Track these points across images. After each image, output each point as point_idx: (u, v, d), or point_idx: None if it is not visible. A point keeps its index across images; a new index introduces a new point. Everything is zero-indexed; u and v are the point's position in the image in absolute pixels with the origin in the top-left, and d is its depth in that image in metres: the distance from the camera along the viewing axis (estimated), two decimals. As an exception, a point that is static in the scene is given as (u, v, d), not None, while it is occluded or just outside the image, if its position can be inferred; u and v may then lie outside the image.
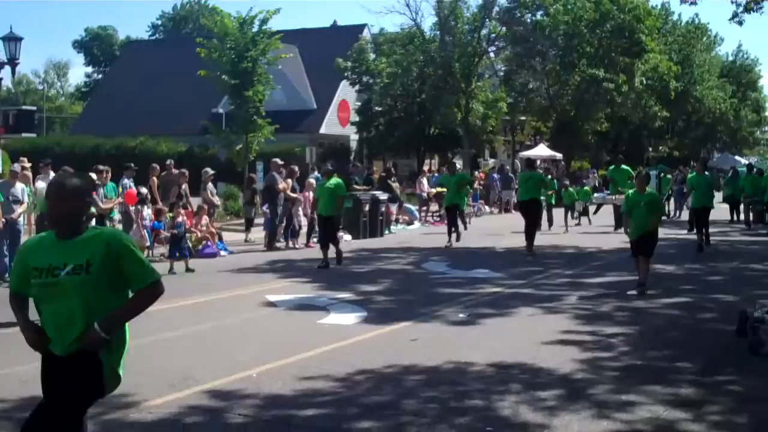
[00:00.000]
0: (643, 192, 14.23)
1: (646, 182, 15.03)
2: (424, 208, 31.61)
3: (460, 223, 22.92)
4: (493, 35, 45.27)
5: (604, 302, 13.04)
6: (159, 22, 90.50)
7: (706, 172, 23.07)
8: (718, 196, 28.15)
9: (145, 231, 17.76)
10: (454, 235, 21.54)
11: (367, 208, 24.23)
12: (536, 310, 12.24)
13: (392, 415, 7.24)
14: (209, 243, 19.74)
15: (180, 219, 17.79)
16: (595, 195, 31.21)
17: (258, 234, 22.81)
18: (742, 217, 29.35)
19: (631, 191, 14.75)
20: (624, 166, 26.62)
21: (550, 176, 25.00)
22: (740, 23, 25.00)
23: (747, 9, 24.61)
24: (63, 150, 43.93)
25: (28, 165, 18.45)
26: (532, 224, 19.56)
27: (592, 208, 30.26)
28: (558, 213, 27.26)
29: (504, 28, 45.69)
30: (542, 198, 21.49)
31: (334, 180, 18.07)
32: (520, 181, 21.37)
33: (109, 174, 18.30)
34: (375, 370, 8.67)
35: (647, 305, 12.78)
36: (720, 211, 27.58)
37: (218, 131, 31.18)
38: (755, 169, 31.38)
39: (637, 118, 53.47)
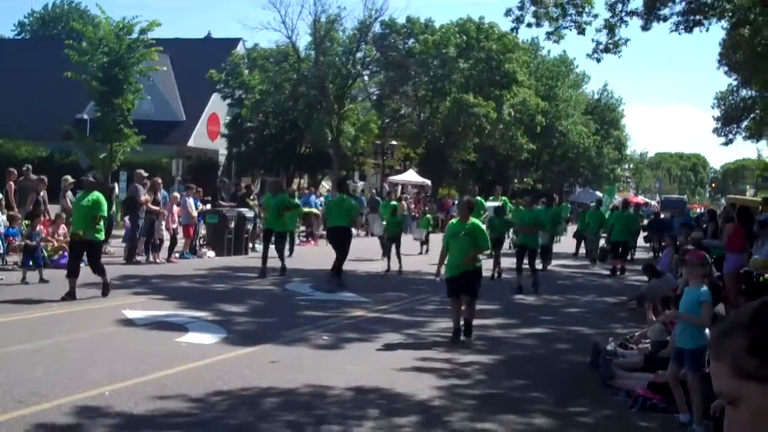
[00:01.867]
0: (466, 221, 12.31)
1: (469, 210, 12.76)
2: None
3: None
4: (368, 59, 45.64)
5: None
6: (27, 21, 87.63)
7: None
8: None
9: (-2, 237, 17.05)
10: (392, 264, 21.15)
11: (232, 225, 23.91)
12: (397, 335, 12.28)
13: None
14: (65, 253, 19.07)
15: (38, 228, 17.18)
16: None
17: (118, 246, 22.23)
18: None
19: (453, 220, 13.19)
20: (478, 198, 25.84)
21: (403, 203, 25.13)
22: (598, 60, 25.87)
23: (606, 49, 25.53)
24: None
25: None
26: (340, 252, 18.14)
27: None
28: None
29: (378, 53, 46.15)
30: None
31: (93, 195, 14.73)
32: (330, 206, 20.01)
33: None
34: (232, 392, 8.52)
35: (505, 334, 13.02)
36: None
37: (82, 137, 30.33)
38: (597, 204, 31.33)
39: (504, 148, 54.74)
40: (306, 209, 32.35)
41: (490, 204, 27.24)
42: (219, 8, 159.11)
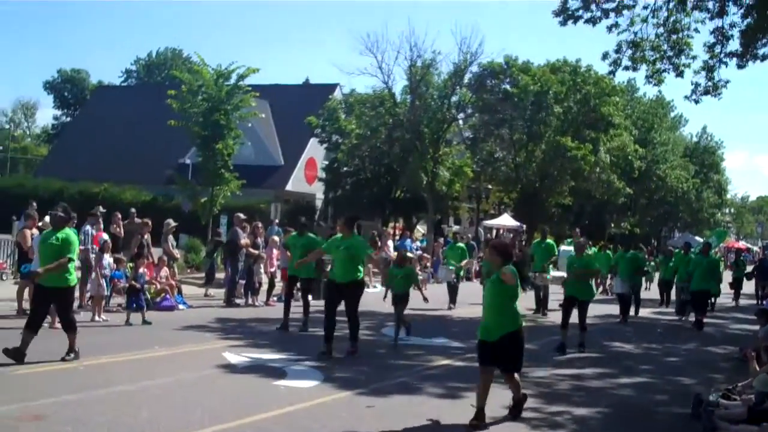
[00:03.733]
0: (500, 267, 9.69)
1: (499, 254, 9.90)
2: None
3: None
4: (463, 102, 45.78)
5: (561, 379, 13.05)
6: (133, 68, 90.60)
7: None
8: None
9: (103, 280, 17.58)
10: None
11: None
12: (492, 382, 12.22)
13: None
14: (168, 296, 19.61)
15: (141, 270, 17.69)
16: None
17: (218, 289, 22.68)
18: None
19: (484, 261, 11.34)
20: (549, 241, 24.15)
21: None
22: (696, 102, 25.44)
23: (706, 92, 25.14)
24: (25, 191, 43.62)
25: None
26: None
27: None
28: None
29: (473, 96, 46.24)
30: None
31: (63, 233, 12.53)
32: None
33: (74, 220, 18.14)
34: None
35: (603, 384, 12.83)
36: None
37: (184, 182, 31.06)
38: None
39: (601, 193, 54.10)
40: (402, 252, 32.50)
41: (566, 248, 26.25)
42: (317, 54, 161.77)
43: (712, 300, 26.29)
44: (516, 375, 9.88)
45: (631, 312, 23.10)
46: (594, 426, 10.00)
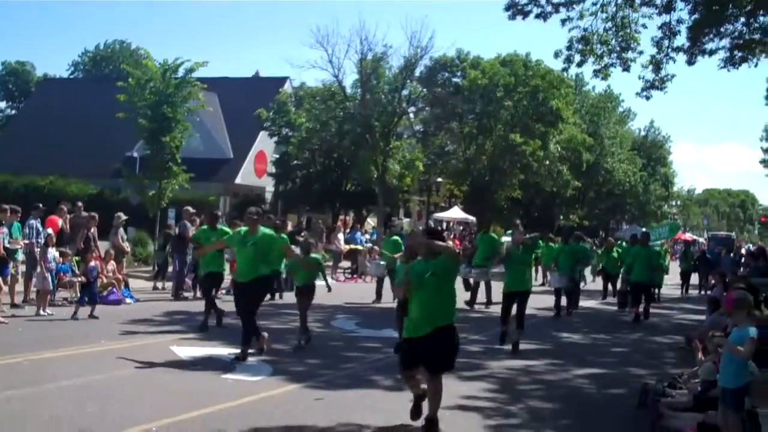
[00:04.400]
0: (430, 259, 8.96)
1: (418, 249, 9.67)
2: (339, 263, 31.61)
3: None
4: (414, 96, 45.80)
5: (509, 368, 13.10)
6: (80, 60, 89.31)
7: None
8: None
9: (48, 274, 17.29)
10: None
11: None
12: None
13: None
14: (114, 290, 19.35)
15: (92, 263, 17.42)
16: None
17: (169, 282, 22.48)
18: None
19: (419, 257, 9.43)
20: (492, 234, 24.37)
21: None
22: (647, 98, 25.81)
23: (652, 86, 25.46)
24: (-32, 185, 42.85)
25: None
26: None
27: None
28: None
29: (423, 90, 46.32)
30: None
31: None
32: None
33: (18, 213, 17.86)
34: (277, 428, 8.54)
35: (554, 376, 12.89)
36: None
37: (131, 175, 30.73)
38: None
39: (550, 186, 54.52)
40: (352, 246, 32.59)
41: (506, 238, 25.70)
42: (267, 47, 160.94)
43: (656, 291, 26.15)
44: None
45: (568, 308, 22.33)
46: (546, 416, 10.04)
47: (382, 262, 22.86)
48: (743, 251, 42.14)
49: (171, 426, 8.50)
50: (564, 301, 21.82)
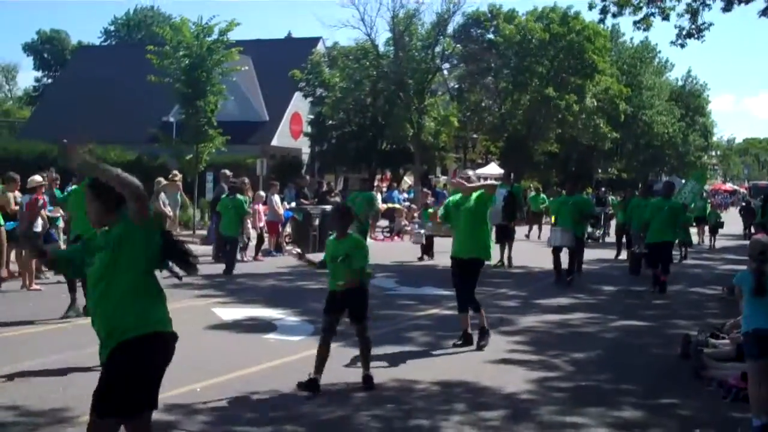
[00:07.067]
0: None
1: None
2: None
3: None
4: (447, 52, 45.47)
5: (551, 323, 13.09)
6: (112, 28, 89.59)
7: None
8: None
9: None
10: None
11: (317, 222, 24.12)
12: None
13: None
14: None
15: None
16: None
17: (206, 246, 22.62)
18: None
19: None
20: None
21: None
22: (682, 46, 25.43)
23: (689, 35, 25.07)
24: (8, 155, 43.19)
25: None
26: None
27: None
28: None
29: (457, 45, 45.98)
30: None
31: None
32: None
33: (57, 181, 18.00)
34: (321, 387, 8.60)
35: (593, 329, 12.87)
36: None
37: (168, 140, 30.88)
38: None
39: (587, 139, 54.05)
40: (390, 204, 32.58)
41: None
42: (298, 8, 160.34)
43: (684, 251, 24.30)
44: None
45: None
46: (588, 367, 10.03)
47: (422, 231, 22.94)
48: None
49: (214, 386, 8.59)
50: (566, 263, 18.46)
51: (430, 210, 19.16)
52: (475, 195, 10.85)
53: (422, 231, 22.78)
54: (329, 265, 8.73)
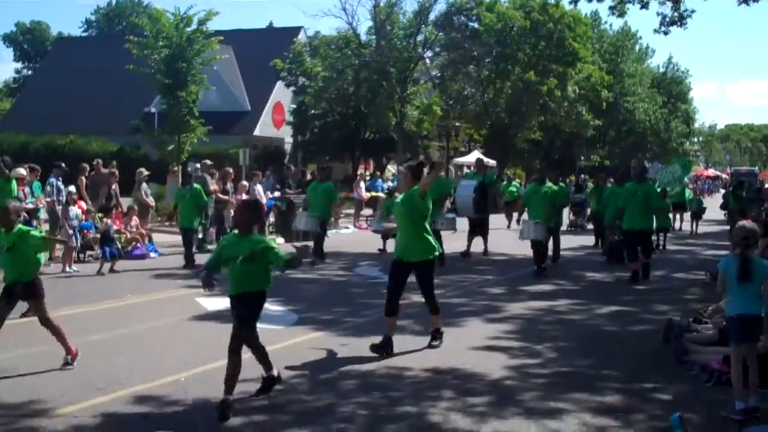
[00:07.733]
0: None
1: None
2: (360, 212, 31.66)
3: None
4: (430, 41, 45.46)
5: (532, 309, 13.13)
6: (93, 18, 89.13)
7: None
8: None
9: (72, 231, 17.41)
10: None
11: (300, 211, 24.04)
12: (468, 316, 12.30)
13: (325, 423, 7.19)
14: (138, 244, 19.49)
15: (109, 220, 17.57)
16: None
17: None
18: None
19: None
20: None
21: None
22: (665, 33, 25.53)
23: (672, 22, 25.14)
24: (-11, 146, 43.01)
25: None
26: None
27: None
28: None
29: (440, 34, 45.96)
30: None
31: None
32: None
33: (37, 173, 17.94)
34: (308, 375, 8.61)
35: (575, 315, 12.92)
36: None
37: (150, 131, 30.79)
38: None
39: (570, 126, 54.19)
40: (373, 193, 32.56)
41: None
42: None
43: (662, 237, 23.49)
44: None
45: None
46: (571, 353, 10.06)
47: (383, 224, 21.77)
48: (767, 186, 41.80)
49: (199, 375, 8.60)
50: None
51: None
52: (402, 195, 10.19)
53: (383, 224, 21.73)
54: (230, 266, 8.06)
